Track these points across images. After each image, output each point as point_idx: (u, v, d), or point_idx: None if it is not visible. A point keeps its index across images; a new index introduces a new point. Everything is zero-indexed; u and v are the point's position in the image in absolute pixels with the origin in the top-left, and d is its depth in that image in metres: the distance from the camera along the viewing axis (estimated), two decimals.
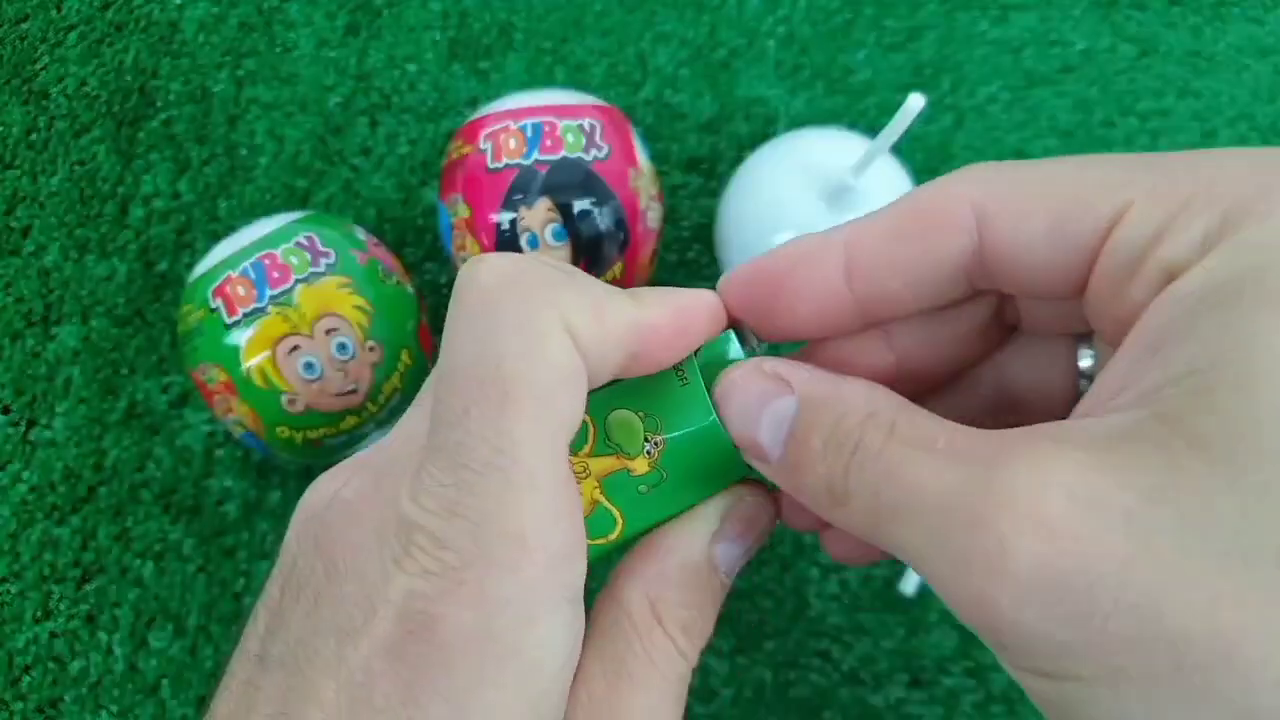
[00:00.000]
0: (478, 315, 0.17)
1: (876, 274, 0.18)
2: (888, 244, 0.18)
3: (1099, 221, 0.16)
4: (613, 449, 0.20)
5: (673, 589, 0.20)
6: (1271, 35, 0.45)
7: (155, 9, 0.47)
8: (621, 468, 0.20)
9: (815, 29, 0.46)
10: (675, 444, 0.20)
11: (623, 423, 0.20)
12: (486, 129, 0.35)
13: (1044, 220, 0.17)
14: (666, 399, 0.20)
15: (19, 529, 0.39)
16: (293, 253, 0.33)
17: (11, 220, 0.44)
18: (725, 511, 0.20)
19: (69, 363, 0.42)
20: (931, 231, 0.18)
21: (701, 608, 0.20)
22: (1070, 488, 0.14)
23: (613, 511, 0.20)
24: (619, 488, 0.20)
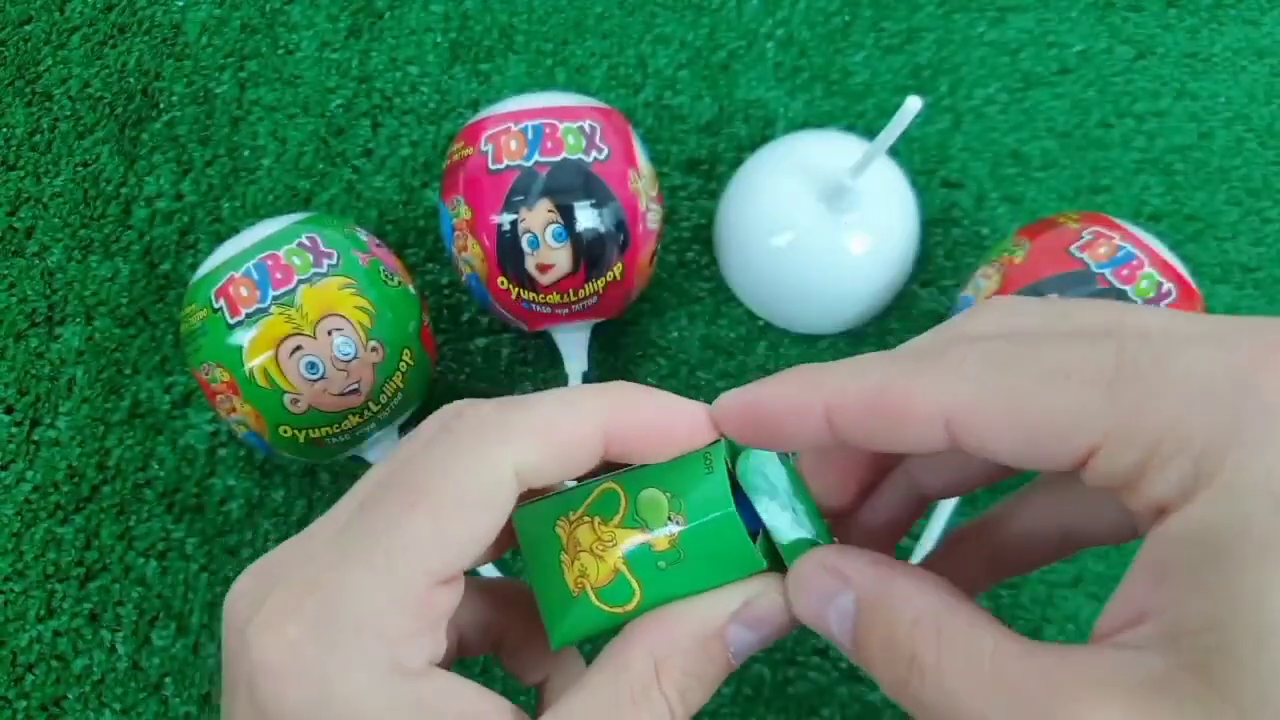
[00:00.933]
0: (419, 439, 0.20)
1: (854, 436, 0.19)
2: (862, 418, 0.19)
3: (1066, 457, 0.17)
4: (639, 523, 0.21)
5: (679, 655, 0.20)
6: (1268, 37, 0.45)
7: (158, 11, 0.47)
8: (645, 541, 0.21)
9: (814, 31, 0.46)
10: (694, 527, 0.21)
11: (651, 500, 0.21)
12: (488, 131, 0.35)
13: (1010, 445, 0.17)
14: (692, 484, 0.21)
15: (22, 528, 0.40)
16: (295, 253, 0.34)
17: (15, 221, 0.44)
18: (749, 598, 0.21)
19: (72, 363, 0.42)
20: (904, 424, 0.18)
21: (703, 679, 0.20)
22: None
23: (632, 583, 0.21)
24: (640, 561, 0.21)
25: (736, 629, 0.21)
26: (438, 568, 0.19)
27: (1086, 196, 0.43)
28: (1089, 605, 0.37)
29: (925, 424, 0.18)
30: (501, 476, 0.20)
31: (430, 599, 0.19)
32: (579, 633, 0.21)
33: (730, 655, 0.21)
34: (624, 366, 0.41)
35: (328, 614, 0.19)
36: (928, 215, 0.43)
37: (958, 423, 0.18)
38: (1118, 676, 0.16)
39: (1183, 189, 0.43)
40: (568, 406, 0.21)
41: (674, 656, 0.20)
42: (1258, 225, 0.43)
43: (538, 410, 0.20)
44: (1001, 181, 0.43)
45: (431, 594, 0.19)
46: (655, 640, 0.20)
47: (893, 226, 0.38)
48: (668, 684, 0.20)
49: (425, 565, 0.19)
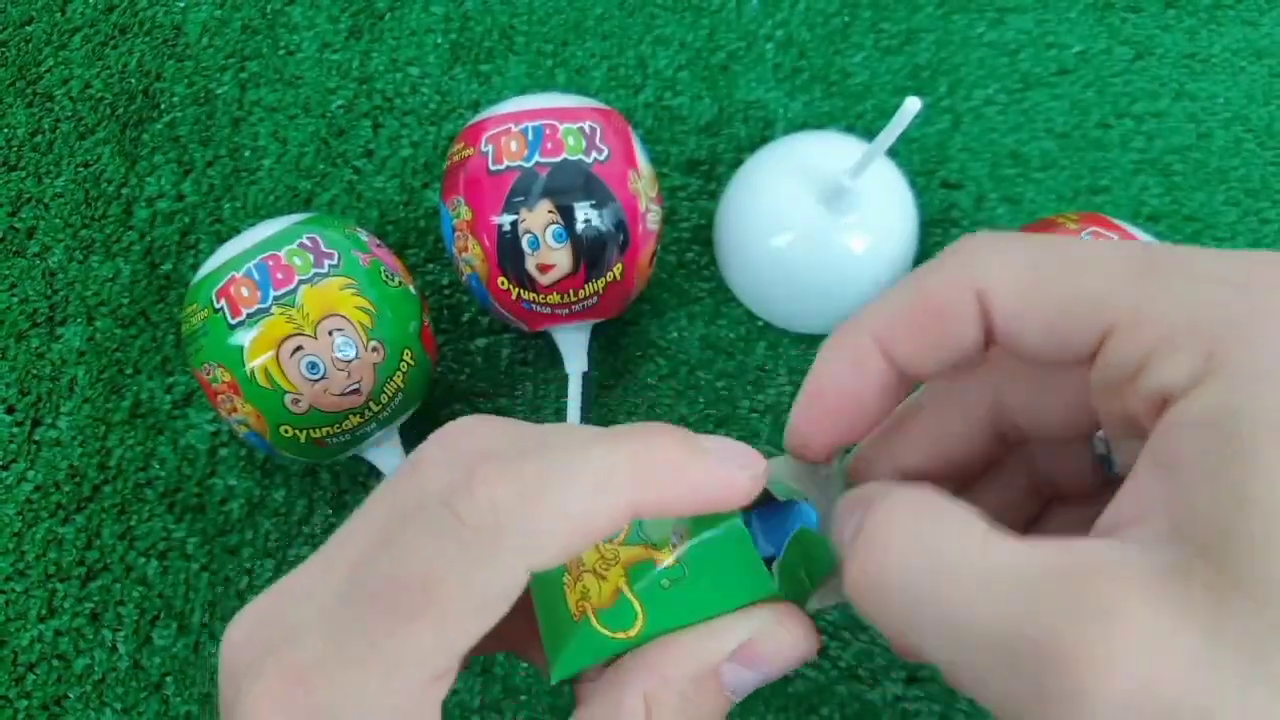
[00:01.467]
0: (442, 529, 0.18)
1: (911, 358, 0.19)
2: (910, 334, 0.19)
3: (1088, 335, 0.17)
4: (643, 539, 0.20)
5: (673, 694, 0.19)
6: (1267, 38, 0.46)
7: (159, 12, 0.47)
8: (647, 558, 0.20)
9: (813, 32, 0.46)
10: (701, 542, 0.20)
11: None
12: (488, 132, 0.36)
13: (1039, 323, 0.18)
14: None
15: (24, 527, 0.40)
16: (296, 254, 0.34)
17: (16, 221, 0.44)
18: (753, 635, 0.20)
19: (74, 363, 0.42)
20: (946, 322, 0.19)
21: (697, 717, 0.19)
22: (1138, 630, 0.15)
23: (634, 604, 0.20)
24: (643, 579, 0.20)
25: (733, 669, 0.20)
26: (433, 671, 0.18)
27: (1085, 197, 0.43)
28: None
29: (963, 315, 0.18)
30: (514, 581, 0.18)
31: (428, 696, 0.18)
32: (579, 662, 0.20)
33: (729, 694, 0.20)
34: (624, 366, 0.41)
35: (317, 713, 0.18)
36: (927, 216, 0.43)
37: (991, 304, 0.18)
38: (1129, 563, 0.15)
39: (1181, 189, 0.43)
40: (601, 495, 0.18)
41: (667, 696, 0.19)
42: (1256, 226, 0.43)
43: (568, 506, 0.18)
44: (1000, 182, 0.44)
45: (430, 691, 0.18)
46: (648, 678, 0.19)
47: (892, 227, 0.39)
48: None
49: (420, 673, 0.18)
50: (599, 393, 0.41)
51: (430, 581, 0.18)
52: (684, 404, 0.41)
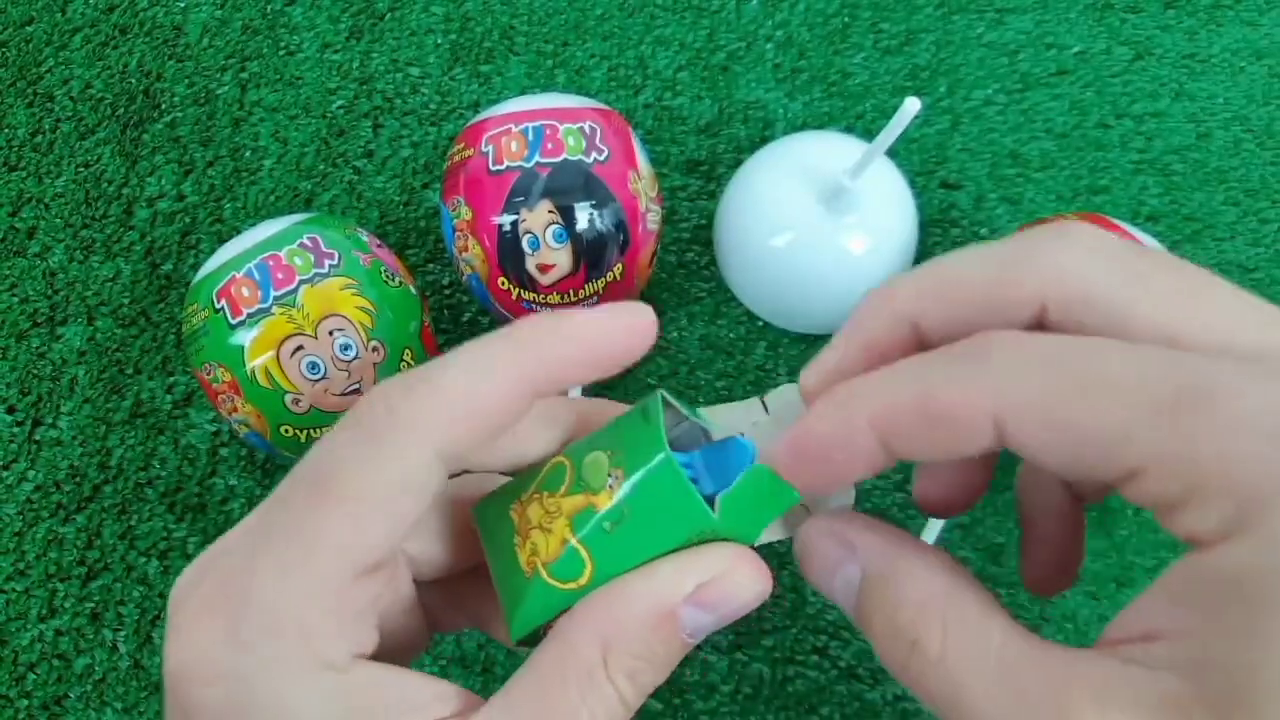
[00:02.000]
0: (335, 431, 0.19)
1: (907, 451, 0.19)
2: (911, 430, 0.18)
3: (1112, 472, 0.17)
4: (583, 487, 0.20)
5: (628, 638, 0.19)
6: (1266, 38, 0.46)
7: (160, 12, 0.47)
8: (587, 504, 0.20)
9: (812, 33, 0.46)
10: (635, 481, 0.19)
11: (593, 462, 0.20)
12: (488, 132, 0.36)
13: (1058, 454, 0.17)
14: (630, 436, 0.20)
15: (24, 527, 0.40)
16: (297, 254, 0.34)
17: (17, 221, 0.44)
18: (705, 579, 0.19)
19: (74, 363, 0.42)
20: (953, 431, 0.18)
21: (654, 660, 0.19)
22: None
23: (580, 552, 0.20)
24: (586, 526, 0.20)
25: (691, 610, 0.19)
26: (353, 560, 0.19)
27: (1085, 197, 0.43)
28: (1087, 604, 0.37)
29: (974, 431, 0.17)
30: (417, 462, 0.19)
31: (351, 591, 0.19)
32: (534, 618, 0.20)
33: (685, 636, 0.20)
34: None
35: (242, 612, 0.18)
36: (926, 216, 0.43)
37: (1006, 428, 0.17)
38: (1127, 689, 0.16)
39: (1181, 190, 0.43)
40: (479, 372, 0.19)
41: (623, 639, 0.19)
42: (1256, 226, 0.43)
43: (448, 383, 0.19)
44: (1000, 182, 0.44)
45: (352, 586, 0.19)
46: (603, 622, 0.19)
47: (892, 227, 0.39)
48: (616, 668, 0.19)
49: (339, 559, 0.18)
50: (598, 393, 0.41)
51: (334, 471, 0.19)
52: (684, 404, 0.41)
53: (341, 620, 0.19)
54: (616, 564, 0.20)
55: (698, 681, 0.38)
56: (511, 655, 0.38)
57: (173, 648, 0.18)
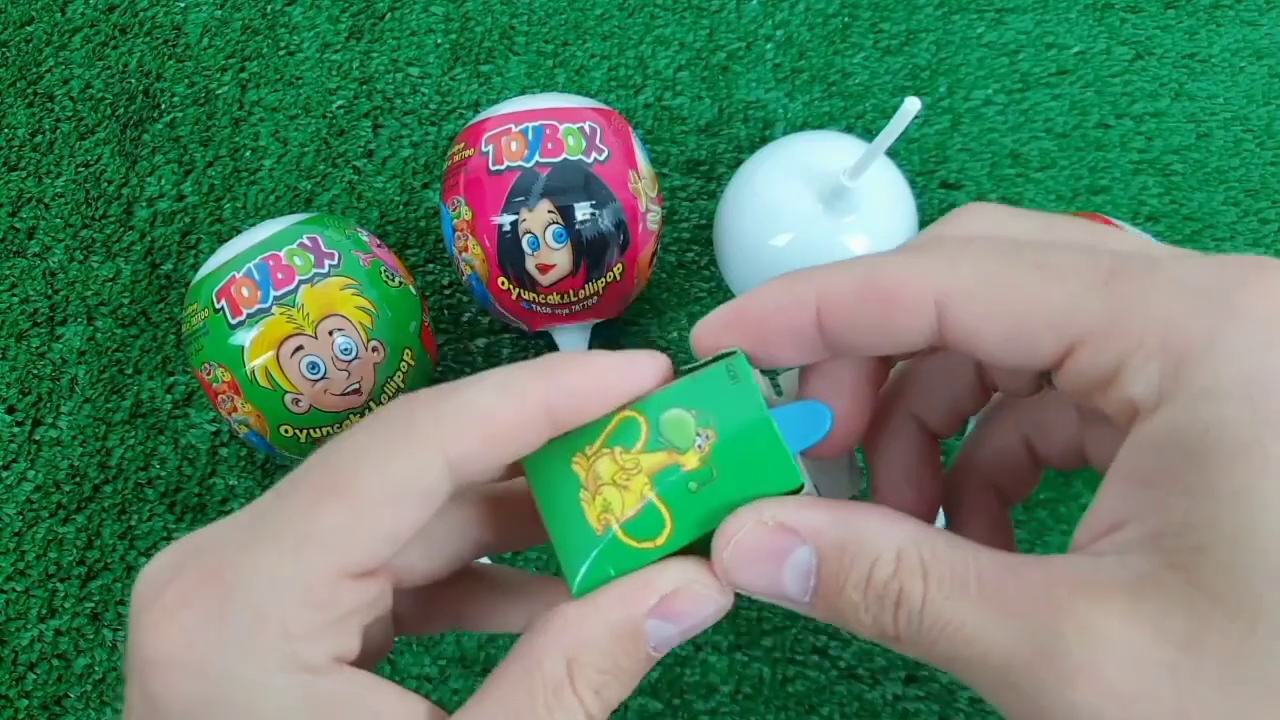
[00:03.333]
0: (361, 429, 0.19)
1: (843, 332, 0.19)
2: (853, 308, 0.19)
3: (1052, 348, 0.17)
4: (666, 444, 0.20)
5: (593, 652, 0.19)
6: (1266, 38, 0.46)
7: (160, 12, 0.47)
8: (673, 463, 0.20)
9: (813, 33, 0.46)
10: (726, 440, 0.20)
11: (675, 420, 0.20)
12: (488, 132, 0.36)
13: (998, 333, 0.18)
14: (718, 397, 0.20)
15: (24, 527, 0.40)
16: (297, 254, 0.34)
17: (17, 221, 0.44)
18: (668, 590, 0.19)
19: (74, 362, 0.42)
20: (894, 310, 0.18)
21: (620, 674, 0.19)
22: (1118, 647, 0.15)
23: (662, 511, 0.20)
24: (669, 484, 0.20)
25: (656, 623, 0.19)
26: (348, 561, 0.18)
27: (1085, 197, 0.43)
28: None
29: (915, 311, 0.18)
30: (428, 467, 0.19)
31: (338, 593, 0.18)
32: (603, 575, 0.20)
33: (650, 649, 0.19)
34: None
35: (225, 604, 0.18)
36: (927, 216, 0.43)
37: (948, 308, 0.18)
38: (1105, 578, 0.16)
39: (1181, 190, 0.43)
40: (505, 392, 0.19)
41: (588, 654, 0.19)
42: (1256, 226, 0.43)
43: (474, 397, 0.19)
44: (1000, 182, 0.44)
45: (340, 588, 0.18)
46: (568, 637, 0.19)
47: (891, 227, 0.39)
48: (581, 684, 0.19)
49: (334, 558, 0.18)
50: None
51: (345, 466, 0.19)
52: None
53: (326, 621, 0.18)
54: (698, 520, 0.20)
55: (698, 681, 0.38)
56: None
57: (149, 636, 0.18)
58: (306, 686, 0.18)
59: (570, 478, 0.20)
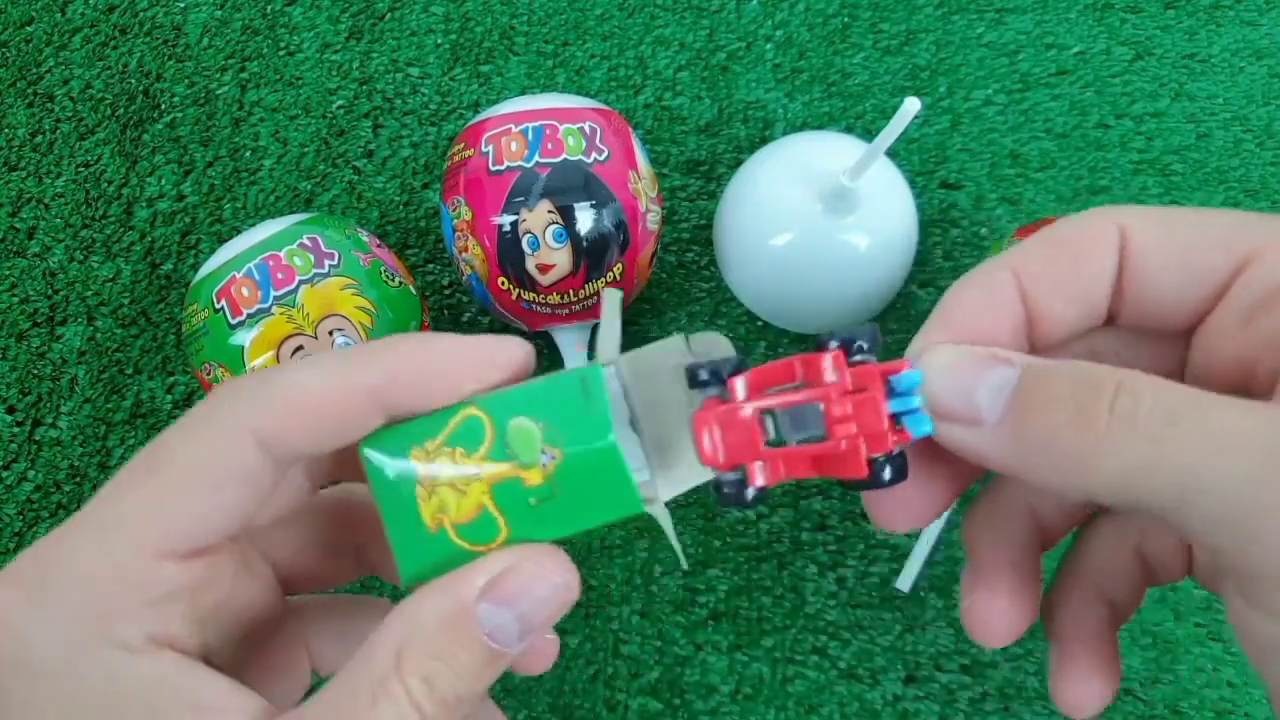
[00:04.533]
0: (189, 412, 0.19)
1: (1042, 290, 0.20)
2: (1047, 264, 0.20)
3: (1229, 259, 0.18)
4: (509, 455, 0.19)
5: (422, 639, 0.18)
6: (1266, 38, 0.46)
7: (160, 12, 0.47)
8: (514, 476, 0.19)
9: (812, 33, 0.46)
10: (571, 462, 0.19)
11: (522, 431, 0.19)
12: (488, 132, 0.36)
13: (1178, 251, 0.19)
14: (569, 411, 0.19)
15: (24, 528, 0.40)
16: (297, 254, 0.34)
17: (17, 221, 0.44)
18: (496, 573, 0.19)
19: (74, 363, 0.42)
20: (1083, 249, 0.19)
21: (454, 664, 0.18)
22: None
23: (498, 519, 0.19)
24: (509, 497, 0.19)
25: (488, 610, 0.18)
26: (161, 540, 0.18)
27: (1085, 197, 0.43)
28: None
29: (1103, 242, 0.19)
30: (236, 447, 0.18)
31: (158, 573, 0.18)
32: (431, 571, 0.19)
33: (486, 639, 0.18)
34: None
35: (40, 578, 0.18)
36: (926, 216, 0.43)
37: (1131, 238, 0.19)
38: None
39: (1181, 190, 0.43)
40: (330, 372, 0.19)
41: (417, 641, 0.18)
42: None
43: (294, 377, 0.19)
44: (1000, 182, 0.44)
45: (160, 568, 0.18)
46: (399, 627, 0.18)
47: (891, 227, 0.39)
48: (409, 672, 0.18)
49: (146, 537, 0.18)
50: None
51: (160, 448, 0.19)
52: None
53: (143, 601, 0.18)
54: (533, 533, 0.19)
55: (698, 681, 0.38)
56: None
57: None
58: (116, 663, 0.18)
59: (407, 470, 0.20)
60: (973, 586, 0.22)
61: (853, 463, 0.19)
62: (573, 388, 0.19)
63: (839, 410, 0.18)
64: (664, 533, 0.21)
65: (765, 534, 0.39)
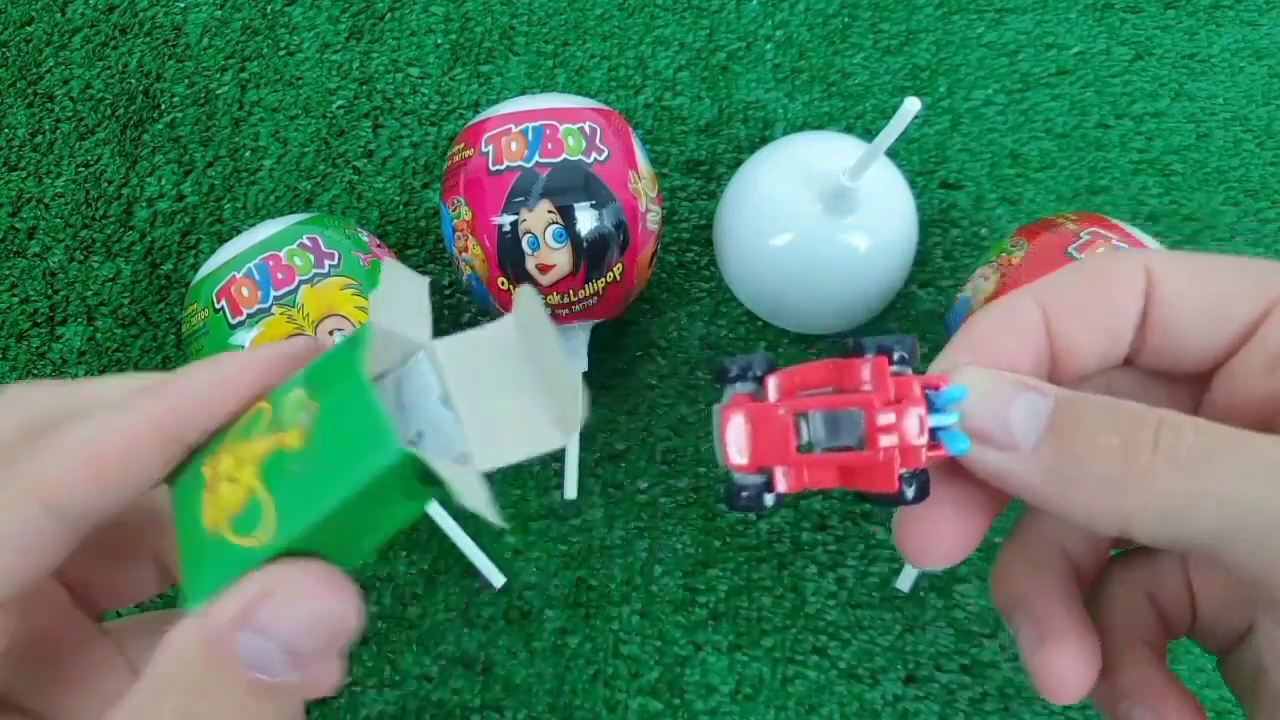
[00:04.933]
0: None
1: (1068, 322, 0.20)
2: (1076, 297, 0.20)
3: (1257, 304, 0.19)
4: (277, 427, 0.17)
5: (178, 672, 0.17)
6: (1266, 38, 0.46)
7: (160, 12, 0.47)
8: (276, 446, 0.17)
9: (812, 33, 0.46)
10: (325, 409, 0.17)
11: (293, 402, 0.17)
12: (488, 132, 0.36)
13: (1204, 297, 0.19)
14: (335, 369, 0.17)
15: None
16: (297, 254, 0.34)
17: (17, 222, 0.44)
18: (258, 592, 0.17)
19: (74, 363, 0.42)
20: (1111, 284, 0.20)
21: (214, 698, 0.16)
22: None
23: (264, 502, 0.17)
24: (274, 472, 0.17)
25: (247, 637, 0.16)
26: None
27: (1085, 197, 0.43)
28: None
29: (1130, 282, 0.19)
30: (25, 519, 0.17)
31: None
32: (211, 581, 0.17)
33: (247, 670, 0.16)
34: (624, 366, 0.42)
35: None
36: (926, 216, 0.43)
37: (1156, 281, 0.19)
38: None
39: (1181, 190, 0.43)
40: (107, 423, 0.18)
41: (173, 675, 0.16)
42: (1256, 226, 0.43)
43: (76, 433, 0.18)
44: (1000, 182, 0.44)
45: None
46: (163, 657, 0.17)
47: (892, 227, 0.39)
48: (164, 707, 0.16)
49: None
50: (599, 393, 0.41)
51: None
52: (684, 404, 0.41)
53: None
54: (301, 512, 0.16)
55: (698, 681, 0.38)
56: (512, 654, 0.38)
57: None
58: None
59: (199, 481, 0.18)
60: (1038, 643, 0.20)
61: (885, 476, 0.18)
62: (342, 347, 0.18)
63: (883, 420, 0.18)
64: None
65: (765, 534, 0.39)
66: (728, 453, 0.18)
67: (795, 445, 0.18)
